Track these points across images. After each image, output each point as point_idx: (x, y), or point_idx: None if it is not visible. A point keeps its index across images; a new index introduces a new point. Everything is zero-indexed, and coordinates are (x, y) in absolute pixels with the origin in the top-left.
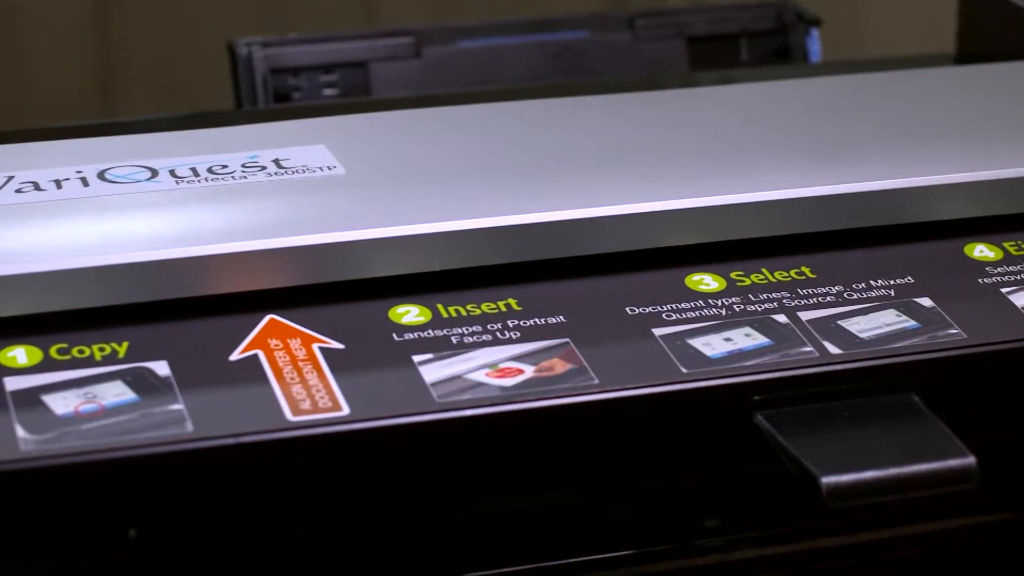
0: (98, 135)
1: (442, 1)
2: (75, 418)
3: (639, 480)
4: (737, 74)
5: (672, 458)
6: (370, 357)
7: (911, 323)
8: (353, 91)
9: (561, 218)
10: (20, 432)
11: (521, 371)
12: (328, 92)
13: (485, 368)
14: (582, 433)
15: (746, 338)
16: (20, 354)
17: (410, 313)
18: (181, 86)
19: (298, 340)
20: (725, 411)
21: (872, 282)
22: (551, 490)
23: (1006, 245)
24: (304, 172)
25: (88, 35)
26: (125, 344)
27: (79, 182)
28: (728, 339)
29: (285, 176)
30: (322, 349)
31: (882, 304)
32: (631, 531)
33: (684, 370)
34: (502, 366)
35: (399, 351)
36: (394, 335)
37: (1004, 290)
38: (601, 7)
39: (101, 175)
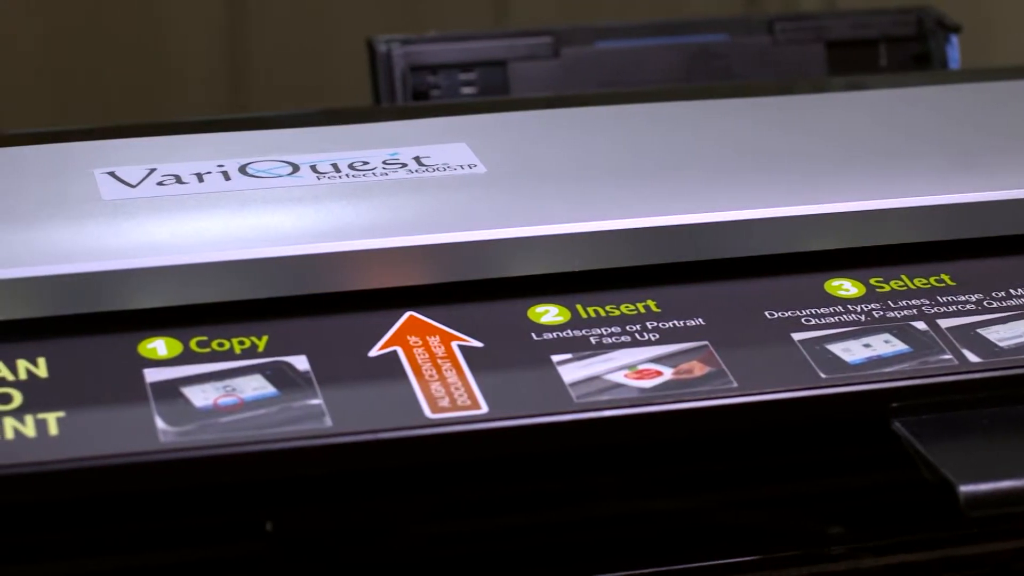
0: (237, 130)
1: (573, 1)
2: (214, 411)
3: (773, 484)
4: (876, 80)
5: (808, 463)
6: (509, 356)
7: None
8: (491, 90)
9: (701, 221)
10: (159, 424)
11: (660, 373)
12: (466, 91)
13: (624, 369)
14: (718, 436)
15: (885, 345)
16: (160, 346)
17: (549, 313)
18: (314, 83)
19: (437, 337)
20: (863, 417)
21: (1012, 291)
22: (684, 493)
23: None
24: (445, 170)
25: (222, 31)
26: (265, 338)
27: (220, 176)
28: (867, 345)
29: (426, 173)
30: (461, 347)
31: (1022, 313)
32: (763, 536)
33: (823, 375)
34: (641, 368)
35: (538, 350)
36: (533, 334)
37: None
38: (733, 10)
39: (242, 169)
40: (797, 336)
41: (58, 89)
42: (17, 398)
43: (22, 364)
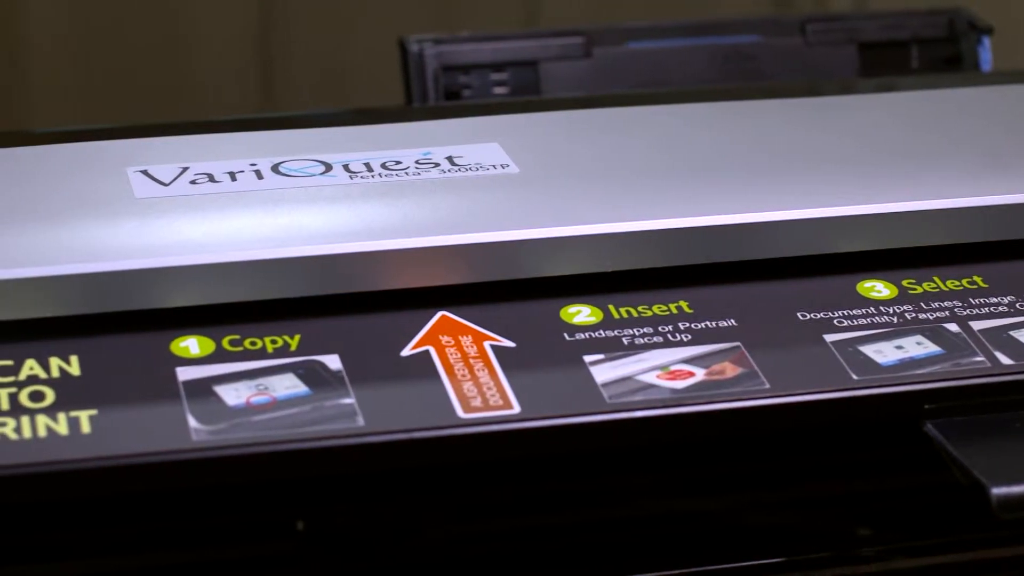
0: (270, 129)
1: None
2: (246, 409)
3: (805, 486)
4: (908, 81)
5: (839, 465)
6: (541, 356)
7: None
8: (523, 90)
9: (734, 222)
10: (192, 422)
11: (692, 374)
12: (498, 91)
13: (656, 370)
14: (750, 437)
15: (917, 346)
16: (192, 344)
17: (581, 313)
18: (342, 83)
19: (469, 337)
20: (895, 419)
21: None
22: (715, 494)
23: None
24: (478, 170)
25: (251, 31)
26: (297, 337)
27: (253, 175)
28: (899, 347)
29: (459, 173)
30: (493, 347)
31: None
32: (793, 537)
33: (855, 377)
34: (673, 368)
35: (570, 351)
36: (565, 335)
37: None
38: (763, 10)
39: (275, 168)
40: (829, 337)
41: (87, 88)
42: (50, 396)
43: (55, 362)
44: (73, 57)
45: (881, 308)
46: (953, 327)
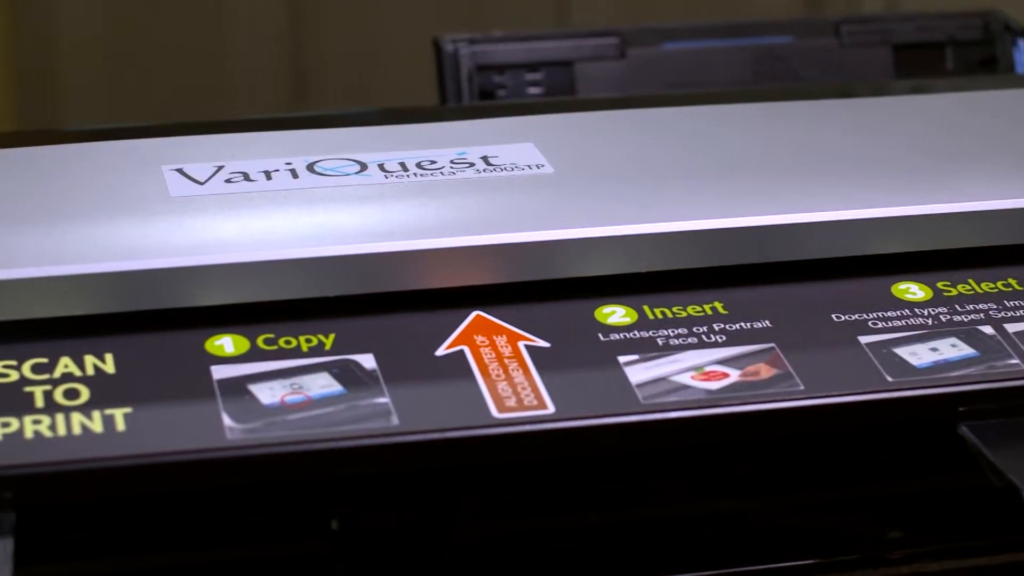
0: (304, 128)
1: (633, 2)
2: (281, 408)
3: (838, 488)
4: (942, 83)
5: (873, 466)
6: (576, 356)
7: None
8: (557, 90)
9: (768, 223)
10: (227, 421)
11: (727, 375)
12: (532, 91)
13: (691, 371)
14: (784, 439)
15: (952, 349)
16: (227, 343)
17: (616, 313)
18: (373, 83)
19: (504, 337)
20: (929, 421)
21: None
22: (747, 495)
23: None
24: (513, 170)
25: (283, 31)
26: (332, 336)
27: (288, 174)
28: (934, 349)
29: (494, 173)
30: (528, 347)
31: None
32: (825, 539)
33: (890, 379)
34: (708, 369)
35: (605, 351)
36: (600, 335)
37: None
38: (794, 10)
39: (310, 167)
40: (864, 339)
41: (119, 87)
42: (85, 393)
43: (90, 360)
44: (102, 56)
45: (916, 310)
46: (988, 329)
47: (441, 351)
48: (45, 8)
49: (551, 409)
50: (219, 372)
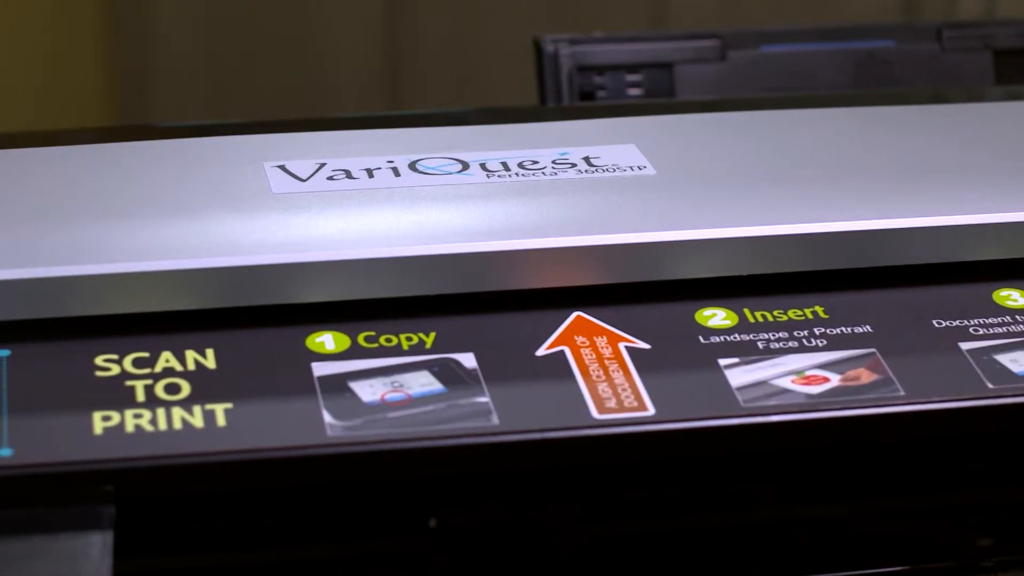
0: (404, 126)
1: (728, 4)
2: (381, 406)
3: (933, 494)
4: None
5: (970, 474)
6: (676, 358)
7: None
8: (657, 91)
9: (870, 227)
10: (327, 418)
11: (827, 379)
12: (632, 92)
13: (791, 375)
14: (882, 444)
15: None
16: (328, 340)
17: (716, 316)
18: (467, 82)
19: (604, 338)
20: None
21: None
22: (842, 499)
23: None
24: (615, 171)
25: (379, 29)
26: (432, 335)
27: (390, 172)
28: None
29: (596, 174)
30: (628, 348)
31: None
32: (917, 546)
33: (990, 386)
34: (808, 373)
35: (705, 353)
36: (700, 337)
37: None
38: (890, 13)
39: (412, 166)
40: (965, 346)
41: (213, 85)
42: (186, 388)
43: (191, 355)
44: (196, 54)
45: (1017, 317)
46: None
47: (541, 351)
48: (144, 7)
49: (651, 411)
50: (319, 369)
